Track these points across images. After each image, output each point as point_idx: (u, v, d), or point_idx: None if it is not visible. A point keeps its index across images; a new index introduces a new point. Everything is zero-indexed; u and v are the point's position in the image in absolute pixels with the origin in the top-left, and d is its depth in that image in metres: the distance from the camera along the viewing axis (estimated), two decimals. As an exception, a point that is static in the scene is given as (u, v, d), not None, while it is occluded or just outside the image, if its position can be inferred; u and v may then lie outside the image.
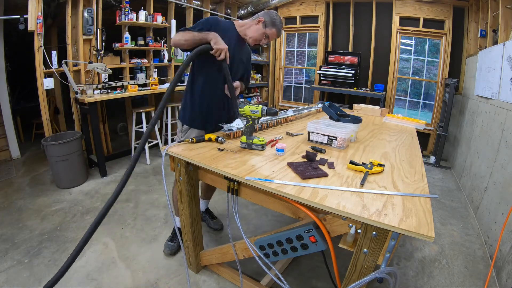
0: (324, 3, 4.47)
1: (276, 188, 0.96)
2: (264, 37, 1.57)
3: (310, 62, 5.12)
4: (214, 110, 1.64)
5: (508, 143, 1.96)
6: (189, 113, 1.65)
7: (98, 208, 2.33)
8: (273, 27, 1.55)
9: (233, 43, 1.56)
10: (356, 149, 1.44)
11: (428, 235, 0.72)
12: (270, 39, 1.59)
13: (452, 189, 3.01)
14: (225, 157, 1.23)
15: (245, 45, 1.70)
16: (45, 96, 2.82)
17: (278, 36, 1.63)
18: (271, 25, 1.54)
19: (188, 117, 1.65)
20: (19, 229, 1.99)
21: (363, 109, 2.65)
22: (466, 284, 1.65)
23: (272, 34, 1.56)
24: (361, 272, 0.90)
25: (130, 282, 1.56)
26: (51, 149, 2.54)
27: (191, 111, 1.64)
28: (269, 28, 1.55)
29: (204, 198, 2.09)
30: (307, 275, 1.66)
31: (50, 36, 3.92)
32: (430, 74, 4.15)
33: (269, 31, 1.55)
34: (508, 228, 1.64)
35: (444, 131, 3.53)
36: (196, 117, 1.64)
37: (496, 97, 2.29)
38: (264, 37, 1.57)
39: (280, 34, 1.61)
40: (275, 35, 1.58)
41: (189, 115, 1.65)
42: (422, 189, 0.99)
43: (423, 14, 3.82)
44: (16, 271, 1.59)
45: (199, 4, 4.21)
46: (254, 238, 1.24)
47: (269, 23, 1.54)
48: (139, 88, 3.30)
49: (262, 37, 1.57)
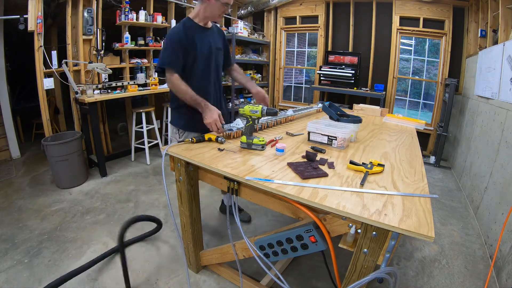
0: (324, 3, 4.47)
1: (276, 188, 0.96)
2: (225, 7, 1.54)
3: (310, 62, 5.12)
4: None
5: (508, 143, 1.96)
6: (183, 118, 1.66)
7: (98, 208, 2.33)
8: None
9: (199, 37, 1.55)
10: (356, 149, 1.44)
11: (428, 235, 0.71)
12: (230, 3, 1.55)
13: (452, 189, 3.01)
14: (225, 157, 1.24)
15: (211, 30, 1.66)
16: (45, 96, 2.82)
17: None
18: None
19: (183, 123, 1.67)
20: (19, 229, 2.00)
21: (363, 109, 2.65)
22: (466, 284, 1.65)
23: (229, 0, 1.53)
24: (361, 272, 0.90)
25: (130, 282, 1.55)
26: (51, 149, 2.54)
27: (185, 116, 1.64)
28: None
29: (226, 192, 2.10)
30: (307, 275, 1.66)
31: (50, 36, 3.92)
32: (430, 74, 4.15)
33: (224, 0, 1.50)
34: (508, 228, 1.64)
35: (444, 131, 3.53)
36: (191, 120, 1.63)
37: (496, 97, 2.29)
38: (225, 7, 1.54)
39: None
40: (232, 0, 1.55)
41: (184, 120, 1.66)
42: (422, 189, 0.99)
43: (423, 14, 3.82)
44: (16, 271, 1.59)
45: (199, 4, 4.21)
46: (254, 238, 1.24)
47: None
48: (139, 88, 3.30)
49: (223, 8, 1.54)
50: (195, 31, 1.57)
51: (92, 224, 2.09)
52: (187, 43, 1.52)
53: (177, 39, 1.50)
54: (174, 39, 1.51)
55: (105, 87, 3.15)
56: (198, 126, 1.59)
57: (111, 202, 2.44)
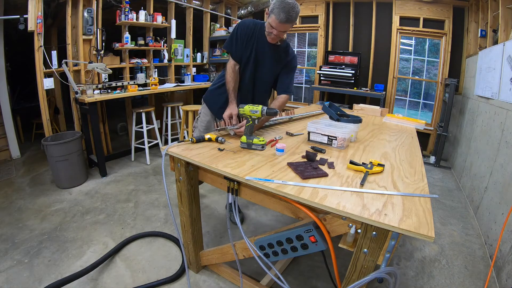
0: (324, 3, 4.47)
1: (276, 188, 0.96)
2: (269, 27, 1.39)
3: (310, 62, 5.12)
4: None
5: (508, 143, 1.96)
6: (214, 99, 1.80)
7: (98, 208, 2.33)
8: (271, 13, 1.33)
9: (261, 46, 1.56)
10: (356, 149, 1.44)
11: (428, 235, 0.71)
12: (277, 30, 1.37)
13: (452, 189, 3.01)
14: (225, 157, 1.23)
15: (276, 47, 1.57)
16: (45, 96, 2.82)
17: (281, 22, 1.32)
18: (271, 11, 1.33)
19: (209, 100, 1.82)
20: (19, 229, 1.99)
21: (363, 109, 2.65)
22: (466, 284, 1.65)
23: (272, 21, 1.34)
24: (361, 272, 0.90)
25: (130, 282, 1.56)
26: (51, 149, 2.54)
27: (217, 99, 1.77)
28: (270, 16, 1.34)
29: None
30: (307, 275, 1.66)
31: (50, 36, 3.92)
32: (430, 74, 4.15)
33: (270, 19, 1.35)
34: (508, 228, 1.64)
35: (444, 131, 3.53)
36: (218, 104, 1.75)
37: (496, 97, 2.29)
38: (270, 27, 1.39)
39: (281, 19, 1.31)
40: (275, 21, 1.33)
41: (212, 100, 1.81)
42: (422, 189, 0.99)
43: (423, 14, 3.82)
44: (16, 271, 1.59)
45: (199, 4, 4.21)
46: (254, 238, 1.24)
47: (270, 10, 1.33)
48: (139, 88, 3.30)
49: (269, 29, 1.40)
50: (263, 38, 1.53)
51: (92, 224, 2.09)
52: (247, 42, 1.53)
53: (244, 34, 1.53)
54: (241, 33, 1.54)
55: (105, 87, 3.15)
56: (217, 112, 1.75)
57: (111, 202, 2.44)
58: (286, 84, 1.68)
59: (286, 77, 1.68)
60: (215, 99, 1.79)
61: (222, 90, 1.72)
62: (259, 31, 1.55)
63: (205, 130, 1.83)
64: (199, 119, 1.88)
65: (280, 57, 1.64)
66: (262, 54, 1.58)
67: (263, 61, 1.61)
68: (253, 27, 1.54)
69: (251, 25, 1.54)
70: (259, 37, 1.54)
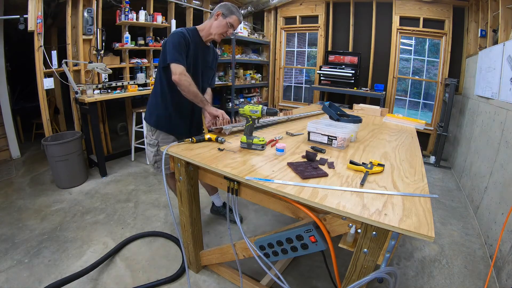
0: (324, 3, 4.47)
1: (276, 188, 0.96)
2: (228, 27, 1.62)
3: (310, 62, 5.12)
4: (180, 124, 1.72)
5: (508, 143, 1.96)
6: (156, 118, 1.70)
7: (98, 208, 2.33)
8: (232, 14, 1.60)
9: (199, 51, 1.65)
10: (356, 149, 1.44)
11: (428, 235, 0.71)
12: (234, 27, 1.65)
13: (452, 189, 3.01)
14: (225, 157, 1.23)
15: (209, 47, 1.76)
16: (45, 96, 2.82)
17: (240, 22, 1.68)
18: (230, 13, 1.60)
19: (154, 120, 1.71)
20: (19, 229, 1.99)
21: (363, 109, 2.65)
22: (466, 284, 1.65)
23: (235, 21, 1.62)
24: (361, 272, 0.90)
25: (130, 282, 1.56)
26: (51, 149, 2.54)
27: (161, 117, 1.69)
28: (229, 17, 1.60)
29: (213, 193, 2.17)
30: (307, 275, 1.66)
31: (50, 36, 3.92)
32: (430, 74, 4.15)
33: (231, 19, 1.60)
34: (508, 228, 1.64)
35: (444, 131, 3.53)
36: (164, 123, 1.69)
37: (496, 97, 2.29)
38: (228, 27, 1.62)
39: (241, 19, 1.67)
40: (237, 21, 1.63)
41: (156, 119, 1.70)
42: (422, 189, 0.99)
43: (423, 14, 3.82)
44: (16, 271, 1.59)
45: (199, 4, 4.21)
46: (254, 238, 1.24)
47: (227, 12, 1.60)
48: (139, 88, 3.30)
49: (227, 28, 1.62)
50: (198, 43, 1.65)
51: (92, 224, 2.09)
52: (187, 50, 1.57)
53: (183, 42, 1.54)
54: (180, 42, 1.53)
55: (105, 87, 3.15)
56: (170, 128, 1.70)
57: (111, 202, 2.44)
58: (214, 80, 1.93)
59: (215, 73, 1.91)
60: (175, 122, 1.70)
61: (175, 109, 1.68)
62: (193, 38, 1.61)
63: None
64: (158, 150, 1.71)
65: (209, 57, 1.77)
66: (195, 57, 1.64)
67: (197, 64, 1.67)
68: (187, 34, 1.57)
69: (185, 33, 1.57)
70: (192, 43, 1.61)
